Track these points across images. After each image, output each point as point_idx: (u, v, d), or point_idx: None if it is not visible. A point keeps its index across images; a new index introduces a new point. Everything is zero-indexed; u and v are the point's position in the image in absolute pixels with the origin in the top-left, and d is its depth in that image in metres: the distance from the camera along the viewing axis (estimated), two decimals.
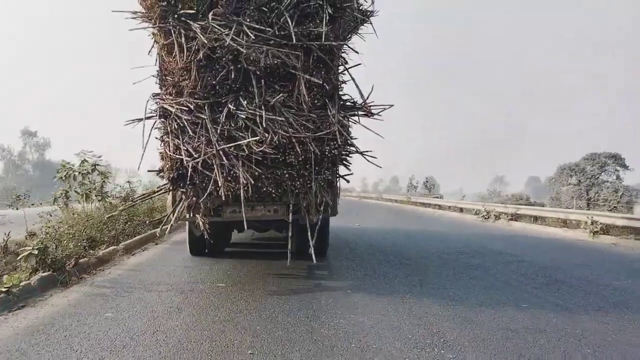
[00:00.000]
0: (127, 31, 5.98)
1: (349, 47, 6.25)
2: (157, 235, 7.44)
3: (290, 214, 6.29)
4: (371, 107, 6.14)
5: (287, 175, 5.95)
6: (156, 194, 7.09)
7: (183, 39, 5.57)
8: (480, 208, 20.21)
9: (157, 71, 6.17)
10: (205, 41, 5.45)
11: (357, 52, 6.31)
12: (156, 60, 6.27)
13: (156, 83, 6.22)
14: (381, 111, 6.18)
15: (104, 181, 10.52)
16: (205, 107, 5.65)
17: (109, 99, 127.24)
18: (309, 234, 6.15)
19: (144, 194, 7.84)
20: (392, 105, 6.18)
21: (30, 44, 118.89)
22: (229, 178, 5.66)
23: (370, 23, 6.94)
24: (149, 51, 6.36)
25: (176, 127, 5.70)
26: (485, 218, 18.95)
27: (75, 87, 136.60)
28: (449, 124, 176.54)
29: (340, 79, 6.28)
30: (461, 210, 23.02)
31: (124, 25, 5.96)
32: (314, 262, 6.17)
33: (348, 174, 6.61)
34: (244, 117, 5.57)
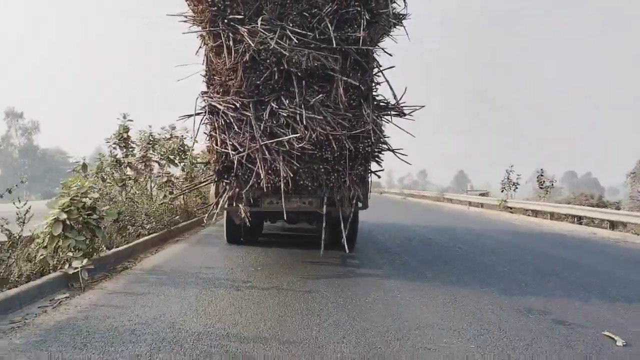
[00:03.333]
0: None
1: (384, 50, 6.62)
2: (204, 222, 8.03)
3: (324, 206, 6.73)
4: (403, 107, 6.53)
5: (322, 170, 6.37)
6: (202, 184, 7.62)
7: (231, 41, 6.04)
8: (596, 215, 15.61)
9: (205, 71, 6.65)
10: (252, 44, 5.90)
11: (391, 55, 6.70)
12: (204, 60, 6.76)
13: (203, 82, 6.71)
14: (413, 111, 6.56)
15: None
16: (250, 106, 6.12)
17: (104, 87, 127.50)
18: (342, 225, 6.58)
19: (192, 184, 8.39)
20: (424, 106, 6.56)
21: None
22: (270, 171, 6.12)
23: (403, 26, 7.33)
24: (197, 52, 6.89)
25: (223, 123, 6.18)
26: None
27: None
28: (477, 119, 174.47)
29: (375, 81, 6.66)
30: (539, 215, 18.74)
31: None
32: (347, 251, 6.62)
33: (379, 170, 7.02)
34: (285, 115, 6.02)
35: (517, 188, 22.78)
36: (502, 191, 23.02)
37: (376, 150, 6.56)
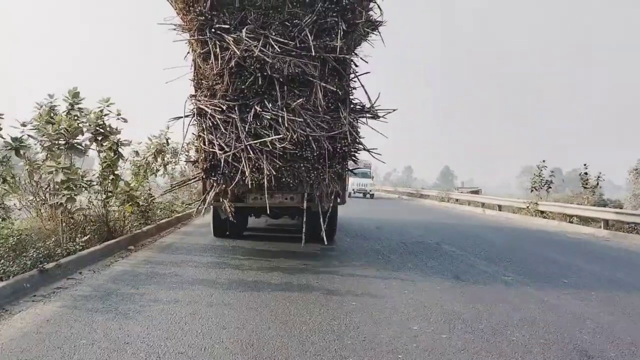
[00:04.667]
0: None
1: (361, 58, 7.18)
2: (193, 215, 8.60)
3: (305, 202, 7.25)
4: (377, 111, 7.09)
5: (303, 168, 6.88)
6: (191, 181, 8.08)
7: (218, 49, 6.50)
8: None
9: (194, 75, 7.10)
10: (237, 52, 6.38)
11: (367, 62, 7.25)
12: (191, 65, 7.20)
13: (192, 86, 7.16)
14: (386, 114, 7.13)
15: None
16: (235, 108, 6.60)
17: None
18: (321, 219, 7.12)
19: (180, 182, 8.85)
20: (396, 109, 7.14)
21: None
22: (254, 169, 6.61)
23: (379, 33, 7.91)
24: (185, 57, 7.34)
25: (210, 124, 6.65)
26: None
27: None
28: (464, 115, 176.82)
29: (351, 86, 7.20)
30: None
31: None
32: (325, 243, 7.17)
33: (356, 168, 7.56)
34: (268, 117, 6.52)
35: (550, 188, 19.34)
36: (531, 191, 19.67)
37: (352, 150, 7.10)
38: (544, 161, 19.07)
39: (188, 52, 7.22)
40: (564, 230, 14.80)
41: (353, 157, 7.25)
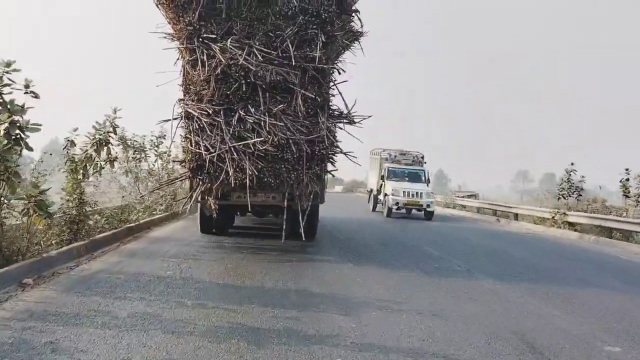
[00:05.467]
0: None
1: (337, 68, 7.72)
2: (179, 211, 8.75)
3: (286, 200, 7.74)
4: (353, 117, 7.61)
5: (284, 169, 7.35)
6: (178, 179, 8.53)
7: (205, 57, 6.99)
8: None
9: (182, 81, 7.56)
10: (223, 60, 6.87)
11: (344, 71, 7.82)
12: (180, 71, 7.67)
13: (180, 90, 7.63)
14: (362, 120, 7.66)
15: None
16: (221, 112, 7.07)
17: None
18: (300, 217, 7.61)
19: (168, 180, 9.30)
20: (371, 116, 7.67)
21: None
22: (238, 169, 7.08)
23: (359, 42, 8.49)
24: (174, 62, 7.80)
25: (197, 127, 7.12)
26: None
27: None
28: (456, 118, 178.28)
29: (330, 93, 7.72)
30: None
31: None
32: (303, 239, 7.66)
33: (334, 170, 8.08)
34: (251, 121, 7.00)
35: (580, 195, 17.34)
36: (558, 199, 17.59)
37: (330, 152, 7.60)
38: (572, 164, 17.23)
39: (178, 59, 7.69)
40: (607, 249, 12.49)
41: (330, 160, 7.75)
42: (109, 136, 8.22)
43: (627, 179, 15.27)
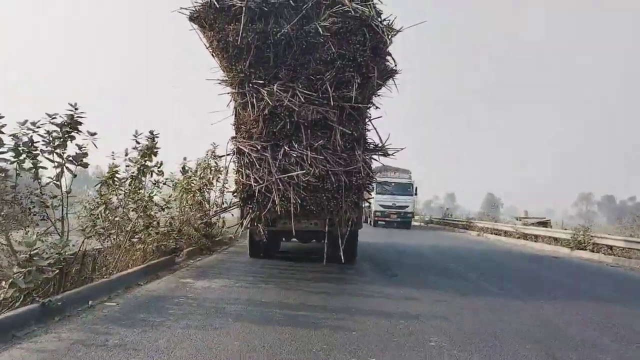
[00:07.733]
0: None
1: (372, 106, 8.50)
2: (233, 237, 9.76)
3: (327, 226, 8.48)
4: (387, 149, 8.34)
5: (324, 198, 8.09)
6: (231, 208, 9.48)
7: (255, 99, 7.94)
8: None
9: (234, 120, 8.54)
10: (270, 102, 7.80)
11: (378, 108, 8.58)
12: (233, 112, 8.66)
13: (232, 129, 8.60)
14: (395, 152, 8.36)
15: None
16: (268, 148, 7.97)
17: None
18: (340, 241, 8.31)
19: (222, 208, 10.28)
20: (404, 148, 8.35)
21: None
22: (283, 199, 7.91)
23: (394, 80, 9.24)
24: (227, 104, 8.81)
25: (247, 161, 8.04)
26: None
27: None
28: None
29: (366, 129, 8.50)
30: None
31: None
32: (343, 261, 8.33)
33: (369, 198, 8.76)
34: (295, 155, 7.86)
35: None
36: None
37: (366, 182, 8.31)
38: None
39: (230, 101, 8.71)
40: None
41: (367, 189, 8.45)
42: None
43: None
